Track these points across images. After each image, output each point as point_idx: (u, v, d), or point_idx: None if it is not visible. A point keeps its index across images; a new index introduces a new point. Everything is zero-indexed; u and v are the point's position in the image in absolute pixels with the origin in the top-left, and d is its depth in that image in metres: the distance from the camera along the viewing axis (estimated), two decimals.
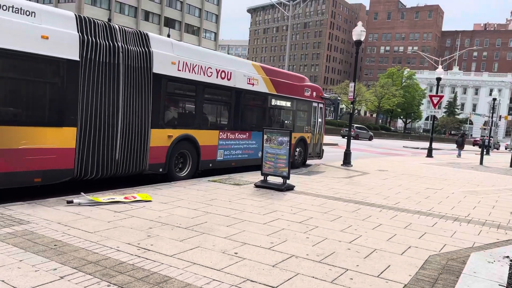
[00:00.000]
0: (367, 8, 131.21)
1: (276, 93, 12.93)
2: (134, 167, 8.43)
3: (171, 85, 9.28)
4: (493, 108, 40.11)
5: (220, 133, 10.88)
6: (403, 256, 4.87)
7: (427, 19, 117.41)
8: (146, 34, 8.78)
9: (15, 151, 6.52)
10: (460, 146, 27.62)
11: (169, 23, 69.29)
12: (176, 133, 9.46)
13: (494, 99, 38.07)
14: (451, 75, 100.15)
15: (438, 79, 25.03)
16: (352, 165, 15.23)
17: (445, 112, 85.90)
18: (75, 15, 7.49)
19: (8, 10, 6.43)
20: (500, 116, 62.85)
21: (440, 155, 28.90)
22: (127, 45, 8.16)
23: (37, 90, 6.97)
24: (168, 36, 10.72)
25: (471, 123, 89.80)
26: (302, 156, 14.51)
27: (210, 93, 10.60)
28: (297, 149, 14.10)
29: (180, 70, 9.42)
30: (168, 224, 5.60)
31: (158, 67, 8.79)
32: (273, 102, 12.94)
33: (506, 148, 60.37)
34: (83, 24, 7.47)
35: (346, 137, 51.68)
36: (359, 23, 15.86)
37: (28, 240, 4.60)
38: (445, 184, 12.05)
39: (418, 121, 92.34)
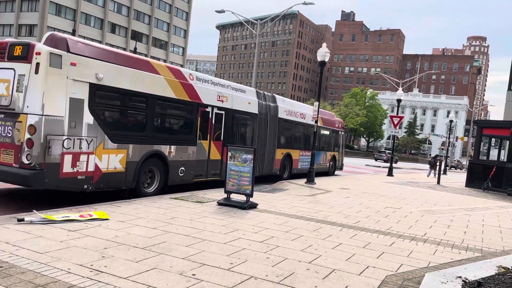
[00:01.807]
0: (333, 30, 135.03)
1: (324, 126, 20.08)
2: (269, 170, 15.28)
3: (283, 123, 16.20)
4: (450, 129, 41.96)
5: (299, 151, 17.82)
6: (361, 277, 4.91)
7: (389, 42, 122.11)
8: (275, 95, 15.94)
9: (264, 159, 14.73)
10: (433, 167, 28.62)
11: (137, 36, 68.64)
12: (284, 151, 16.48)
13: (451, 121, 39.81)
14: (411, 97, 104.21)
15: (399, 101, 25.95)
16: (315, 183, 15.40)
17: (405, 132, 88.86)
18: (255, 90, 14.52)
19: (238, 92, 13.37)
20: (457, 137, 65.66)
21: (400, 174, 29.76)
22: (269, 103, 15.18)
23: (246, 130, 13.97)
24: (135, 49, 18.94)
25: (430, 143, 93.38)
26: (333, 168, 22.04)
27: (296, 127, 17.59)
28: (330, 163, 21.46)
29: (287, 115, 16.52)
30: (124, 244, 5.43)
31: (280, 114, 15.84)
32: (322, 132, 19.87)
33: (462, 168, 62.94)
34: (257, 93, 14.48)
35: (379, 160, 53.48)
36: (324, 45, 16.25)
37: None
38: (403, 203, 12.37)
39: (380, 140, 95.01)
